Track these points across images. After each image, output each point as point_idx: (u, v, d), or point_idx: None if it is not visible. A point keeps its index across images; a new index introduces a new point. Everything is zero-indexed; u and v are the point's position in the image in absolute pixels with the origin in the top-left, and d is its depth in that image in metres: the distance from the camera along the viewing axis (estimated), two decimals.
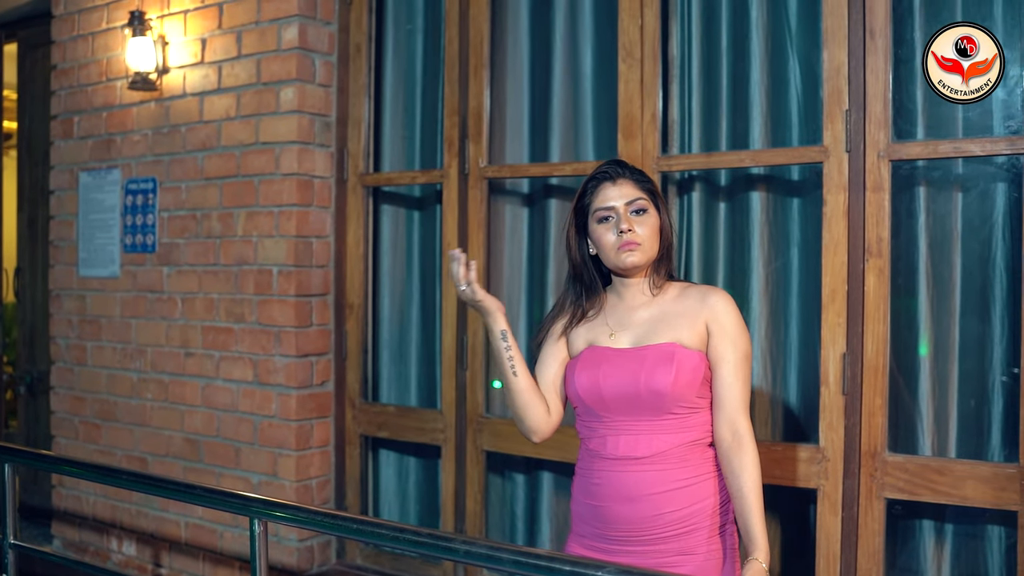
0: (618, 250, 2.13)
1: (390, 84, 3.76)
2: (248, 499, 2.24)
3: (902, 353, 2.85)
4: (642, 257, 2.14)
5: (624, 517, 2.09)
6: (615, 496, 2.10)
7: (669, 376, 2.07)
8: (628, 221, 2.12)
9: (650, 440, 2.09)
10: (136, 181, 3.94)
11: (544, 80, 3.47)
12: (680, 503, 2.08)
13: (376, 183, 3.70)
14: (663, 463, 2.09)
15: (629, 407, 2.10)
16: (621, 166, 2.20)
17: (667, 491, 2.08)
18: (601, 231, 2.15)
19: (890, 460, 2.76)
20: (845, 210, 2.81)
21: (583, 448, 2.21)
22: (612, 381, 2.11)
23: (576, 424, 2.24)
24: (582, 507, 2.18)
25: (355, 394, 3.71)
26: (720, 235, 3.17)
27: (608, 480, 2.11)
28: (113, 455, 4.05)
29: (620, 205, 2.14)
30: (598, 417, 2.15)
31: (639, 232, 2.13)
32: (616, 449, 2.11)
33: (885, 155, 2.76)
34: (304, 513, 2.19)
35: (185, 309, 3.82)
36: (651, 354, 2.11)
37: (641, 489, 2.07)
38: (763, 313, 3.09)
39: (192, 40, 3.77)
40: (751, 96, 3.10)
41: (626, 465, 2.09)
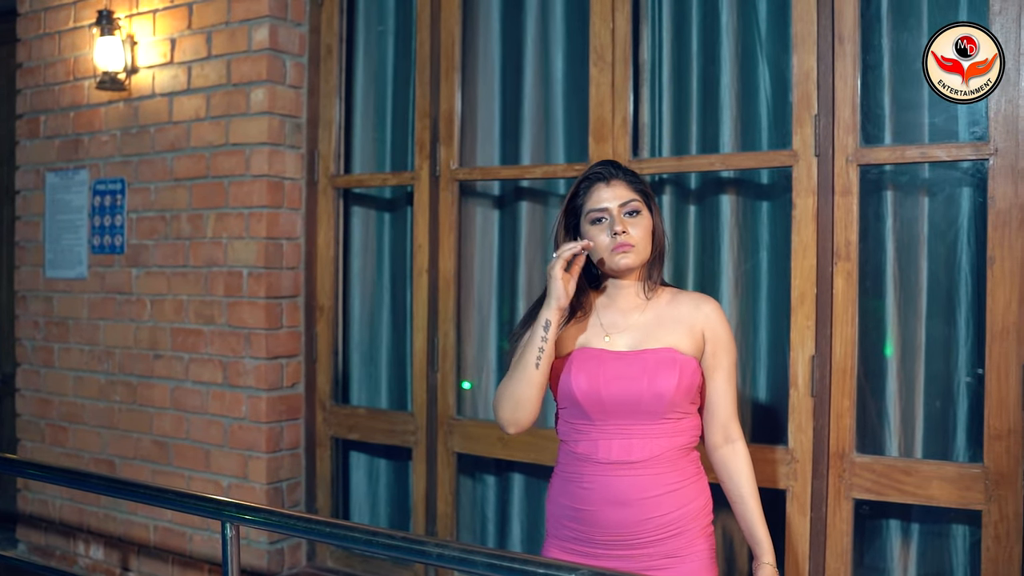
0: (612, 252, 2.12)
1: (361, 86, 3.75)
2: (220, 503, 2.23)
3: (870, 355, 2.89)
4: (636, 259, 2.14)
5: (614, 521, 2.08)
6: (606, 500, 2.09)
7: (672, 381, 2.08)
8: (622, 223, 2.11)
9: (644, 444, 2.09)
10: (104, 182, 3.90)
11: (515, 83, 3.48)
12: (670, 506, 2.10)
13: (347, 185, 3.69)
14: (656, 467, 2.09)
15: (628, 411, 2.09)
16: (615, 167, 2.18)
17: (659, 495, 2.09)
18: (594, 232, 2.14)
19: (858, 461, 2.79)
20: (814, 214, 2.84)
21: (566, 451, 2.17)
22: (615, 385, 2.09)
23: (558, 426, 2.22)
24: (564, 511, 2.16)
25: (325, 396, 3.70)
26: (690, 238, 3.19)
27: (599, 484, 2.09)
28: (80, 458, 4.01)
29: (614, 206, 2.13)
30: (590, 420, 2.12)
31: (633, 234, 2.12)
32: (609, 453, 2.09)
33: (853, 159, 2.79)
34: (277, 517, 2.18)
35: (154, 311, 3.79)
36: (652, 358, 2.11)
37: (634, 493, 2.07)
38: (733, 315, 3.12)
39: (161, 40, 3.74)
40: (721, 100, 3.12)
41: (619, 469, 2.08)
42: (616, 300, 2.22)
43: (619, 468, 2.08)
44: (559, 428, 2.21)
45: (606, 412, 2.11)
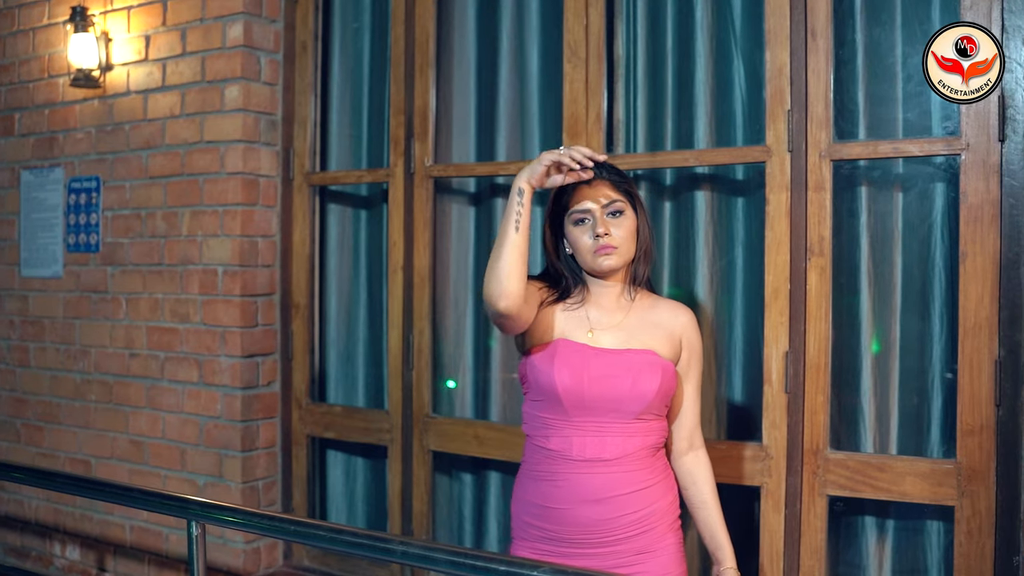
0: (594, 254, 2.11)
1: (337, 82, 3.74)
2: (186, 501, 2.21)
3: (844, 351, 2.88)
4: (618, 261, 2.14)
5: (586, 519, 2.07)
6: (579, 498, 2.07)
7: (655, 383, 2.10)
8: (604, 224, 2.10)
9: (617, 442, 2.09)
10: (79, 180, 3.87)
11: (491, 79, 3.46)
12: (641, 504, 2.10)
13: (322, 182, 3.67)
14: (628, 465, 2.09)
15: (607, 409, 2.09)
16: (599, 166, 2.14)
17: (631, 492, 2.09)
18: (577, 233, 2.13)
19: (832, 457, 2.79)
20: (787, 209, 2.83)
21: (536, 448, 2.15)
22: (599, 383, 2.08)
23: (527, 422, 2.20)
24: (533, 510, 2.13)
25: (301, 394, 3.68)
26: (666, 234, 3.18)
27: (573, 482, 2.08)
28: (56, 458, 3.98)
29: (596, 207, 2.11)
30: (565, 416, 2.10)
31: (615, 235, 2.11)
32: (584, 450, 2.08)
33: (826, 155, 2.78)
34: (242, 515, 2.17)
35: (129, 309, 3.77)
36: (636, 359, 2.12)
37: (607, 491, 2.07)
38: (708, 311, 3.11)
39: (136, 37, 3.71)
40: (696, 96, 3.11)
41: (593, 467, 2.07)
42: (600, 299, 2.21)
43: (593, 466, 2.07)
44: (527, 422, 2.19)
45: (585, 409, 2.09)
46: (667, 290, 3.17)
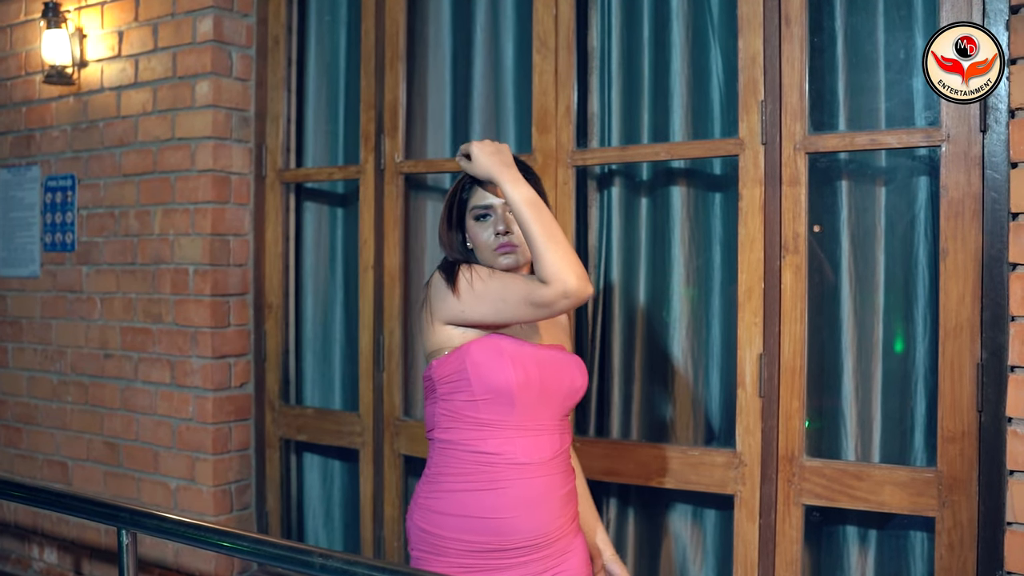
0: (494, 251, 2.01)
1: (313, 77, 3.65)
2: (115, 508, 2.12)
3: (821, 354, 2.75)
4: (519, 259, 2.03)
5: (530, 525, 1.95)
6: (525, 503, 1.94)
7: (585, 377, 2.07)
8: (506, 221, 2.01)
9: (552, 440, 2.01)
10: (55, 178, 3.82)
11: (465, 72, 3.36)
12: (571, 502, 2.05)
13: (294, 179, 3.58)
14: (560, 465, 2.03)
15: (549, 406, 2.00)
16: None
17: (564, 493, 2.03)
18: (478, 230, 2.03)
19: (808, 465, 2.66)
20: (761, 205, 2.71)
21: (465, 455, 1.96)
22: (549, 380, 1.99)
23: (448, 426, 1.99)
24: (462, 523, 1.95)
25: (275, 396, 3.60)
26: (642, 231, 3.06)
27: (519, 487, 1.95)
28: (35, 460, 3.94)
29: (498, 204, 2.02)
30: (509, 416, 1.95)
31: (517, 233, 2.01)
32: (528, 452, 1.96)
33: (801, 147, 2.65)
34: (170, 523, 2.07)
35: (104, 309, 3.71)
36: (564, 355, 2.07)
37: (549, 492, 1.98)
38: (684, 311, 2.99)
39: (109, 33, 3.65)
40: (672, 87, 2.99)
41: (536, 469, 1.97)
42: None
43: (535, 468, 1.97)
44: (449, 426, 1.98)
45: (530, 408, 1.96)
46: (643, 289, 3.06)
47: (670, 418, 3.02)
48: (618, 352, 3.09)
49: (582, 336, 3.12)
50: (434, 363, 1.99)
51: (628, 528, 3.11)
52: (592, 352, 3.11)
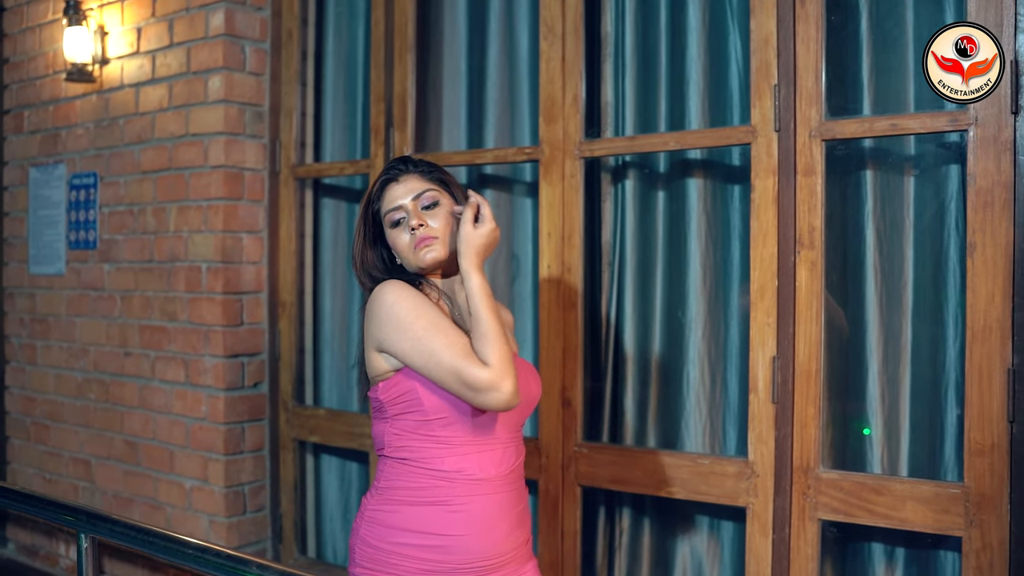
0: (415, 249, 1.91)
1: (331, 71, 3.57)
2: (76, 511, 2.08)
3: (840, 357, 2.55)
4: (442, 250, 1.92)
5: (484, 544, 1.84)
6: (482, 522, 1.83)
7: (539, 385, 1.96)
8: (418, 216, 1.92)
9: (508, 455, 1.90)
10: (79, 176, 3.83)
11: (480, 63, 3.24)
12: (526, 519, 1.94)
13: (307, 175, 3.51)
14: (516, 481, 1.91)
15: (504, 419, 1.89)
16: (405, 162, 2.01)
17: (520, 510, 1.91)
18: (395, 235, 1.94)
19: (824, 477, 2.46)
20: (775, 196, 2.52)
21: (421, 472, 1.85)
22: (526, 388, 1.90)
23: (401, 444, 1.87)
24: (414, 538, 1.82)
25: (288, 396, 3.53)
26: (658, 226, 2.90)
27: (474, 505, 1.83)
28: (60, 457, 3.95)
29: (407, 202, 1.94)
30: (469, 432, 1.84)
31: (433, 225, 1.92)
32: (485, 468, 1.85)
33: (817, 134, 2.46)
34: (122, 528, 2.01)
35: (123, 307, 3.70)
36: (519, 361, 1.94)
37: (504, 510, 1.87)
38: (701, 311, 2.81)
39: (129, 29, 3.64)
40: (688, 74, 2.82)
41: (493, 485, 1.86)
42: (456, 298, 1.99)
43: (491, 484, 1.86)
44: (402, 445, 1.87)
45: (483, 422, 1.86)
46: (659, 288, 2.89)
47: (685, 424, 2.85)
48: (632, 354, 2.93)
49: (596, 337, 2.97)
50: (380, 385, 1.88)
51: (643, 540, 2.95)
52: (606, 354, 2.96)
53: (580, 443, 2.87)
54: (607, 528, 3.00)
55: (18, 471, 4.16)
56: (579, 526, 2.89)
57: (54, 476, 3.98)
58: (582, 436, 2.88)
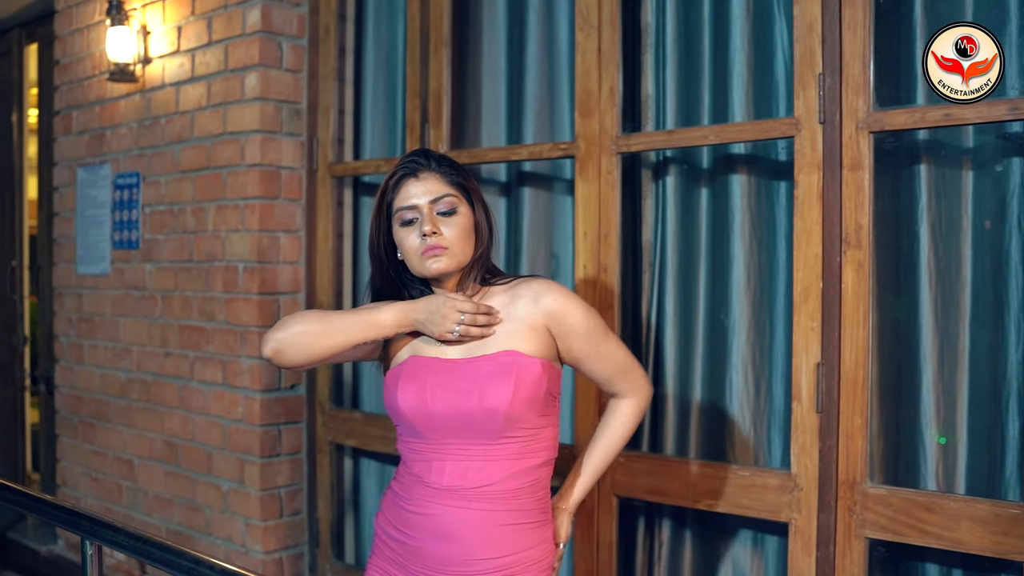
0: (422, 256, 1.82)
1: (371, 67, 3.50)
2: (80, 516, 2.02)
3: (891, 364, 2.38)
4: (450, 263, 1.83)
5: (435, 556, 1.78)
6: (430, 531, 1.78)
7: (506, 393, 1.76)
8: (432, 222, 1.81)
9: (482, 468, 1.77)
10: (123, 176, 3.83)
11: (519, 56, 3.13)
12: (503, 549, 1.76)
13: (343, 173, 3.44)
14: (492, 500, 1.77)
15: (461, 429, 1.78)
16: (426, 156, 1.89)
17: (490, 534, 1.76)
18: (403, 234, 1.84)
19: (871, 492, 2.30)
20: (819, 192, 2.37)
21: (405, 470, 1.89)
22: (442, 399, 1.79)
23: (397, 443, 1.93)
24: (389, 529, 1.87)
25: (325, 399, 3.47)
26: (701, 225, 2.76)
27: (426, 512, 1.79)
28: (105, 456, 3.96)
29: (424, 203, 1.83)
30: (423, 438, 1.83)
31: (446, 234, 1.82)
32: (441, 477, 1.79)
33: (864, 126, 2.30)
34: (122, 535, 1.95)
35: (164, 307, 3.68)
36: (486, 367, 1.79)
37: (461, 528, 1.76)
38: (745, 314, 2.67)
39: (170, 28, 3.62)
40: (732, 64, 2.68)
41: (448, 497, 1.77)
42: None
43: (448, 495, 1.77)
44: (398, 445, 1.92)
45: (437, 430, 1.80)
46: (702, 290, 2.75)
47: (728, 433, 2.70)
48: (672, 358, 2.79)
49: (636, 340, 2.85)
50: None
51: (683, 554, 2.81)
52: (645, 358, 2.83)
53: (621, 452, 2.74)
54: (646, 541, 2.87)
55: (67, 469, 4.19)
56: (615, 538, 2.77)
57: (100, 475, 3.99)
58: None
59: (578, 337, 1.85)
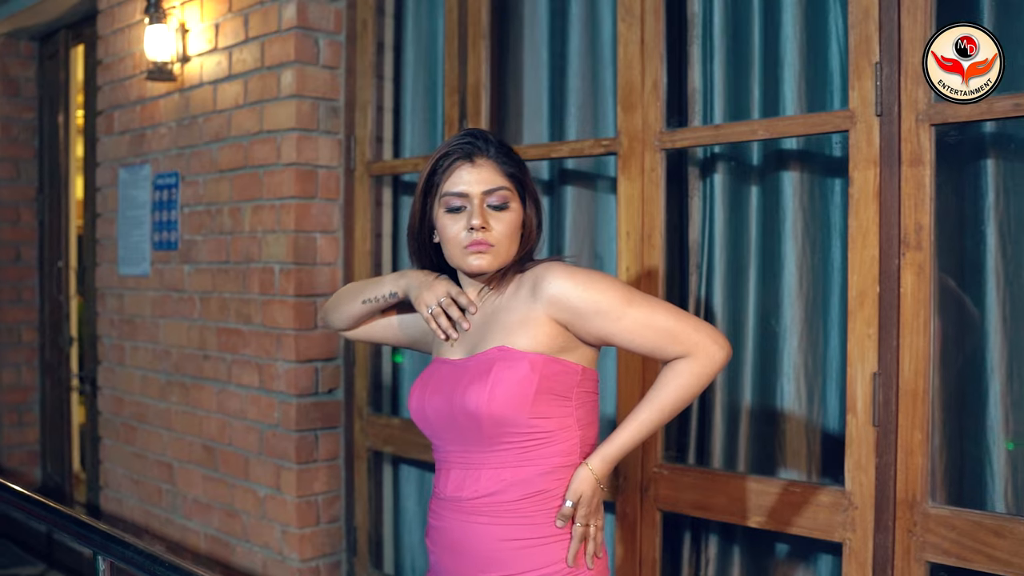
0: (465, 249, 1.68)
1: (411, 63, 3.41)
2: (92, 530, 1.96)
3: (955, 374, 2.21)
4: (493, 262, 1.70)
5: (449, 570, 1.69)
6: (445, 545, 1.70)
7: (482, 393, 1.61)
8: (483, 216, 1.67)
9: (479, 477, 1.65)
10: (162, 176, 3.79)
11: (560, 49, 3.01)
12: (508, 567, 1.63)
13: (381, 172, 3.35)
14: (497, 510, 1.63)
15: (455, 434, 1.68)
16: (484, 140, 1.73)
17: (497, 548, 1.63)
18: (448, 221, 1.70)
19: (933, 513, 2.13)
20: (876, 190, 2.21)
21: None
22: (435, 401, 1.70)
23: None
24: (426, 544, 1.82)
25: (363, 404, 3.38)
26: (751, 225, 2.61)
27: (440, 524, 1.72)
28: (145, 459, 3.93)
29: (476, 193, 1.68)
30: (434, 445, 1.77)
31: (496, 231, 1.68)
32: (446, 486, 1.71)
33: (925, 118, 2.13)
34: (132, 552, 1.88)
35: (203, 309, 3.63)
36: (474, 366, 1.67)
37: (468, 541, 1.65)
38: (797, 319, 2.51)
39: (208, 26, 3.56)
40: (783, 55, 2.52)
41: (452, 509, 1.68)
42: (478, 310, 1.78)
43: (452, 507, 1.68)
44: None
45: (438, 436, 1.72)
46: (752, 293, 2.60)
47: (778, 446, 2.55)
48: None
49: None
50: None
51: (731, 573, 2.66)
52: None
53: (660, 463, 2.61)
54: (692, 557, 2.72)
55: (109, 471, 4.17)
56: (659, 554, 2.63)
57: (140, 477, 3.96)
58: (662, 456, 2.62)
59: (592, 316, 1.63)
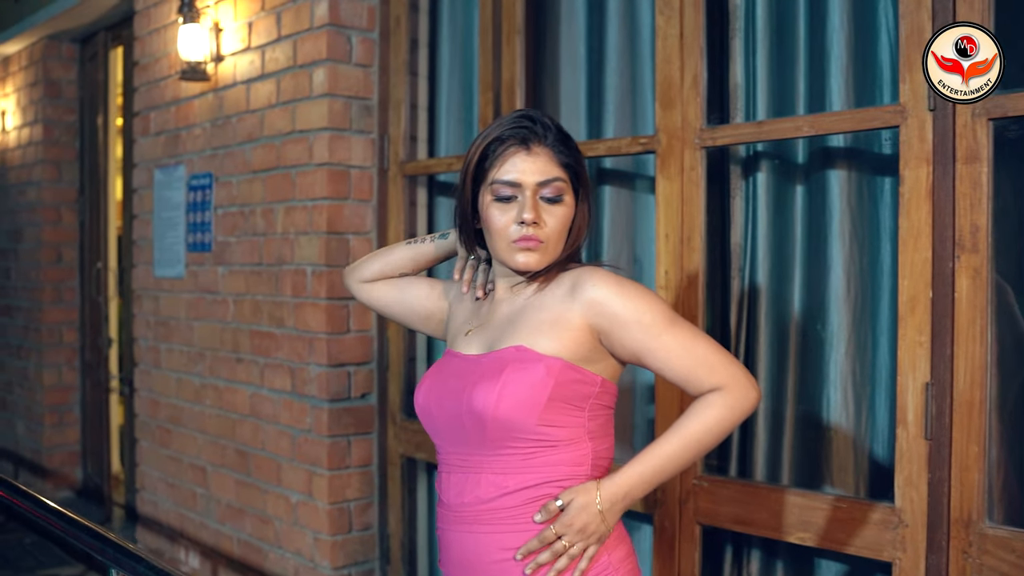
0: (513, 244, 1.56)
1: (446, 60, 3.33)
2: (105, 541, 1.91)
3: (1014, 385, 2.07)
4: (542, 260, 1.57)
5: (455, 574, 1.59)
6: (450, 558, 1.60)
7: (491, 395, 1.50)
8: (535, 209, 1.54)
9: (478, 482, 1.54)
10: (197, 177, 3.75)
11: (598, 44, 2.91)
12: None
13: (414, 172, 3.27)
14: (493, 520, 1.52)
15: (458, 435, 1.57)
16: (542, 125, 1.59)
17: (500, 562, 1.52)
18: (495, 211, 1.57)
19: (990, 533, 2.00)
20: (928, 189, 2.08)
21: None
22: (442, 399, 1.59)
23: None
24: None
25: (397, 409, 3.31)
26: (796, 225, 2.49)
27: (444, 534, 1.62)
28: (180, 462, 3.90)
29: (530, 183, 1.55)
30: (436, 446, 1.65)
31: (549, 225, 1.55)
32: (448, 491, 1.60)
33: (982, 112, 2.00)
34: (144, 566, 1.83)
35: (236, 312, 3.59)
36: (485, 364, 1.56)
37: (470, 554, 1.55)
38: (844, 325, 2.39)
39: (241, 25, 3.52)
40: (830, 47, 2.40)
41: (455, 519, 1.57)
42: (497, 285, 1.68)
43: (456, 516, 1.56)
44: None
45: (442, 436, 1.61)
46: (796, 297, 2.49)
47: (824, 459, 2.43)
48: (764, 373, 2.53)
49: None
50: None
51: None
52: None
53: (700, 475, 2.50)
54: (732, 574, 2.61)
55: (145, 474, 4.16)
56: (698, 570, 2.52)
57: (175, 481, 3.93)
58: (702, 468, 2.51)
59: (632, 326, 1.52)
